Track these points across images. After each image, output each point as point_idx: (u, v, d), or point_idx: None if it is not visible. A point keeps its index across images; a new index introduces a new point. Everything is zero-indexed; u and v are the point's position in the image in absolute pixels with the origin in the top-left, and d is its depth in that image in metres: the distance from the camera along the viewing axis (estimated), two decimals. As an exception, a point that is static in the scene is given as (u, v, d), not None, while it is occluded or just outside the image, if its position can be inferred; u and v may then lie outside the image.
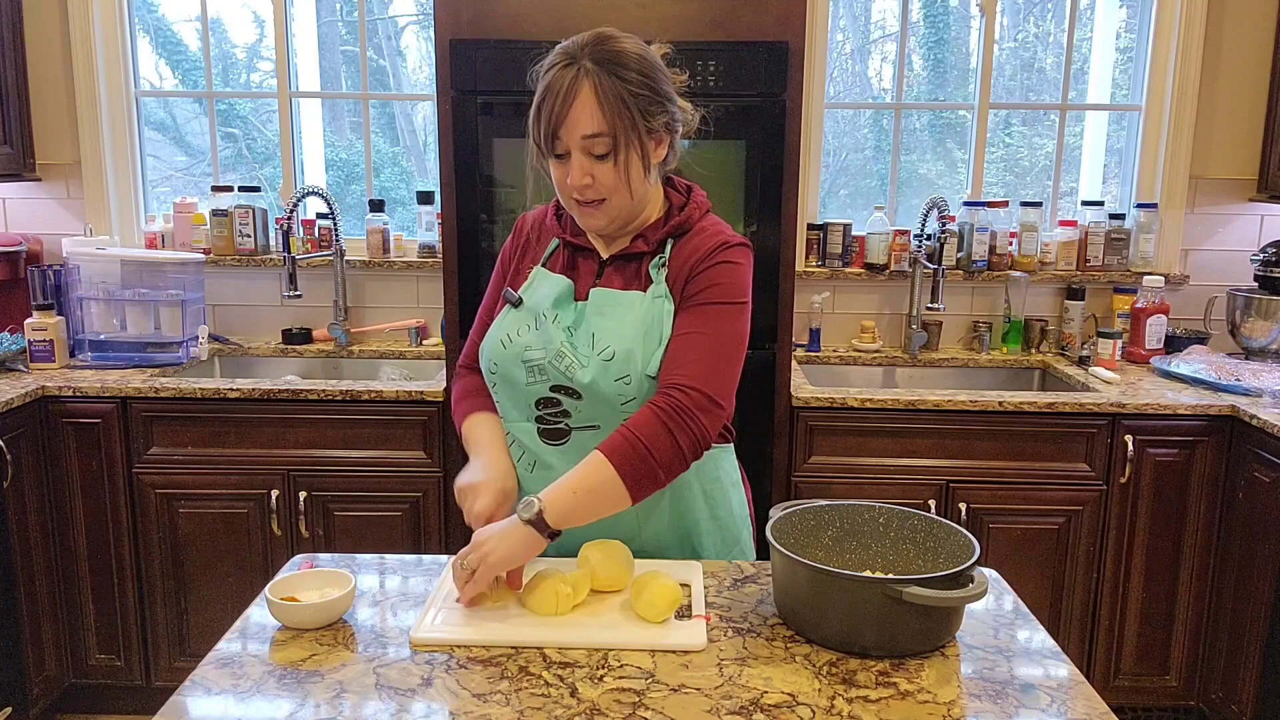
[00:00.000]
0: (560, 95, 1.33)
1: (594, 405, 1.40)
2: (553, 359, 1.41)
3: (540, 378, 1.43)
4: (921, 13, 3.43)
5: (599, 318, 1.42)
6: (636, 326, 1.40)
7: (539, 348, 1.43)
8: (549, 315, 1.44)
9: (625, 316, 1.41)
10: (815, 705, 1.12)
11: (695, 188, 1.52)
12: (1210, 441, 2.57)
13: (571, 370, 1.39)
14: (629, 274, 1.46)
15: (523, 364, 1.43)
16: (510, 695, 1.13)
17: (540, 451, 1.46)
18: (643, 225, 1.47)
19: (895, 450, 2.60)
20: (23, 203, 3.22)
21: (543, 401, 1.44)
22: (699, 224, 1.47)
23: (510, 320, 1.47)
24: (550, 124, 1.34)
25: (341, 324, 3.16)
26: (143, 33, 3.33)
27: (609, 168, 1.35)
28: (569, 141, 1.35)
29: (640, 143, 1.36)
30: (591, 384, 1.39)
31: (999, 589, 1.43)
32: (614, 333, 1.40)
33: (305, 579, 1.36)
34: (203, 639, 2.71)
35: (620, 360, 1.38)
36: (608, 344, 1.39)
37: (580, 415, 1.42)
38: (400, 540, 2.66)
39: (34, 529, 2.59)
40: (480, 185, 2.49)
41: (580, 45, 1.35)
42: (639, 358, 1.38)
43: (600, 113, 1.32)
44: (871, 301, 3.23)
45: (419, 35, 3.57)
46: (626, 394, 1.38)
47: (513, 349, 1.45)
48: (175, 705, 1.12)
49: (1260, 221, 3.20)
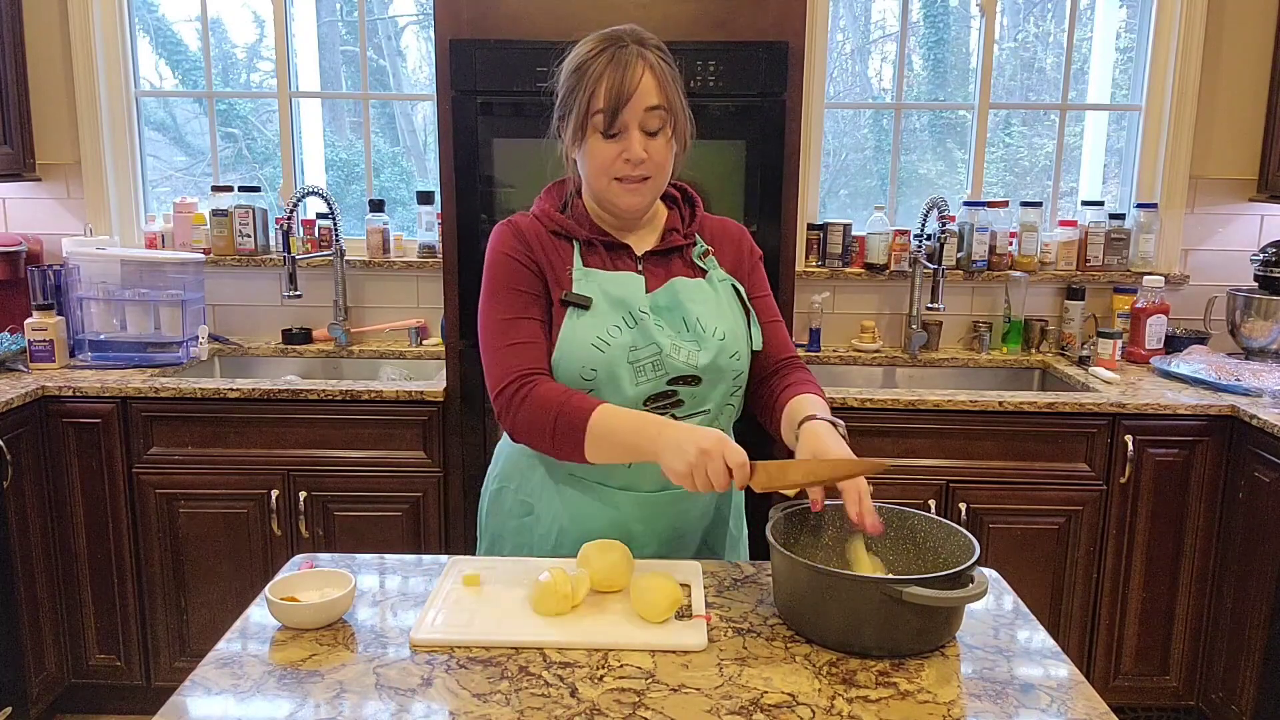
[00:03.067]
0: (625, 70, 1.39)
1: (710, 388, 1.46)
2: (668, 353, 1.43)
3: (654, 374, 1.43)
4: (921, 13, 3.43)
5: (694, 305, 1.48)
6: (727, 308, 1.49)
7: (644, 345, 1.43)
8: (644, 312, 1.45)
9: (710, 301, 1.49)
10: (815, 705, 1.12)
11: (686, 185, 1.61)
12: (1210, 441, 2.57)
13: (693, 358, 1.44)
14: (670, 265, 1.52)
15: (629, 365, 1.42)
16: (510, 695, 1.13)
17: None
18: (653, 218, 1.54)
19: (895, 450, 2.60)
20: (23, 203, 3.22)
21: (653, 398, 1.45)
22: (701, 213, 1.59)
23: (589, 323, 1.43)
24: (617, 100, 1.38)
25: (341, 324, 3.16)
26: (143, 33, 3.33)
27: (662, 143, 1.43)
28: (630, 118, 1.40)
29: (685, 123, 1.46)
30: (712, 366, 1.45)
31: (999, 589, 1.43)
32: (715, 316, 1.48)
33: (305, 579, 1.36)
34: (203, 639, 2.71)
35: (731, 339, 1.47)
36: (715, 326, 1.46)
37: (694, 401, 1.47)
38: (400, 540, 2.66)
39: (34, 529, 2.59)
40: (480, 185, 2.49)
41: (623, 32, 1.43)
42: (741, 334, 1.49)
43: (659, 89, 1.40)
44: (871, 301, 3.23)
45: (419, 35, 3.57)
46: (738, 368, 1.48)
47: (613, 352, 1.42)
48: (175, 705, 1.12)
49: (1260, 221, 3.20)
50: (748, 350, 1.50)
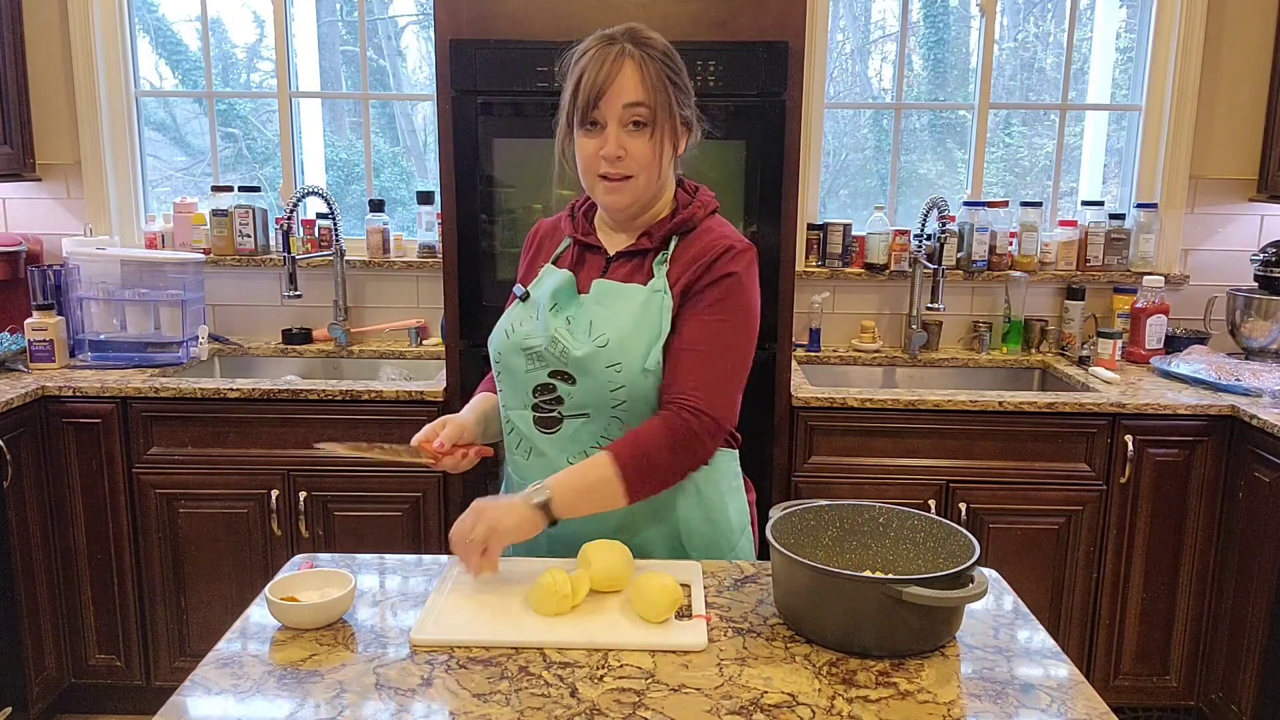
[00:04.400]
0: (605, 65, 1.38)
1: (586, 391, 1.44)
2: (548, 344, 1.45)
3: (538, 364, 1.47)
4: (921, 13, 3.43)
5: (598, 307, 1.46)
6: (632, 317, 1.44)
7: (537, 335, 1.47)
8: (547, 305, 1.48)
9: (622, 307, 1.45)
10: (815, 705, 1.12)
11: (703, 188, 1.55)
12: (1210, 441, 2.57)
13: (566, 354, 1.43)
14: (633, 269, 1.50)
15: (522, 352, 1.48)
16: (510, 695, 1.13)
17: (535, 439, 1.50)
18: (651, 221, 1.50)
19: (895, 450, 2.60)
20: (23, 203, 3.22)
21: (540, 389, 1.48)
22: (704, 223, 1.50)
23: (515, 313, 1.54)
24: (592, 93, 1.38)
25: (341, 324, 3.16)
26: (143, 33, 3.33)
27: (644, 141, 1.40)
28: (608, 111, 1.39)
29: (673, 124, 1.43)
30: (584, 364, 1.42)
31: (999, 589, 1.43)
32: (610, 321, 1.44)
33: (305, 579, 1.36)
34: (203, 639, 2.71)
35: (614, 347, 1.42)
36: (603, 331, 1.43)
37: (572, 402, 1.46)
38: (400, 540, 2.66)
39: (34, 529, 2.59)
40: (480, 185, 2.49)
41: (619, 31, 1.42)
42: (632, 348, 1.42)
43: (642, 86, 1.39)
44: (871, 301, 3.23)
45: (419, 35, 3.57)
46: (617, 381, 1.42)
47: (514, 339, 1.50)
48: (175, 705, 1.12)
49: (1260, 221, 3.20)
50: (639, 365, 1.41)
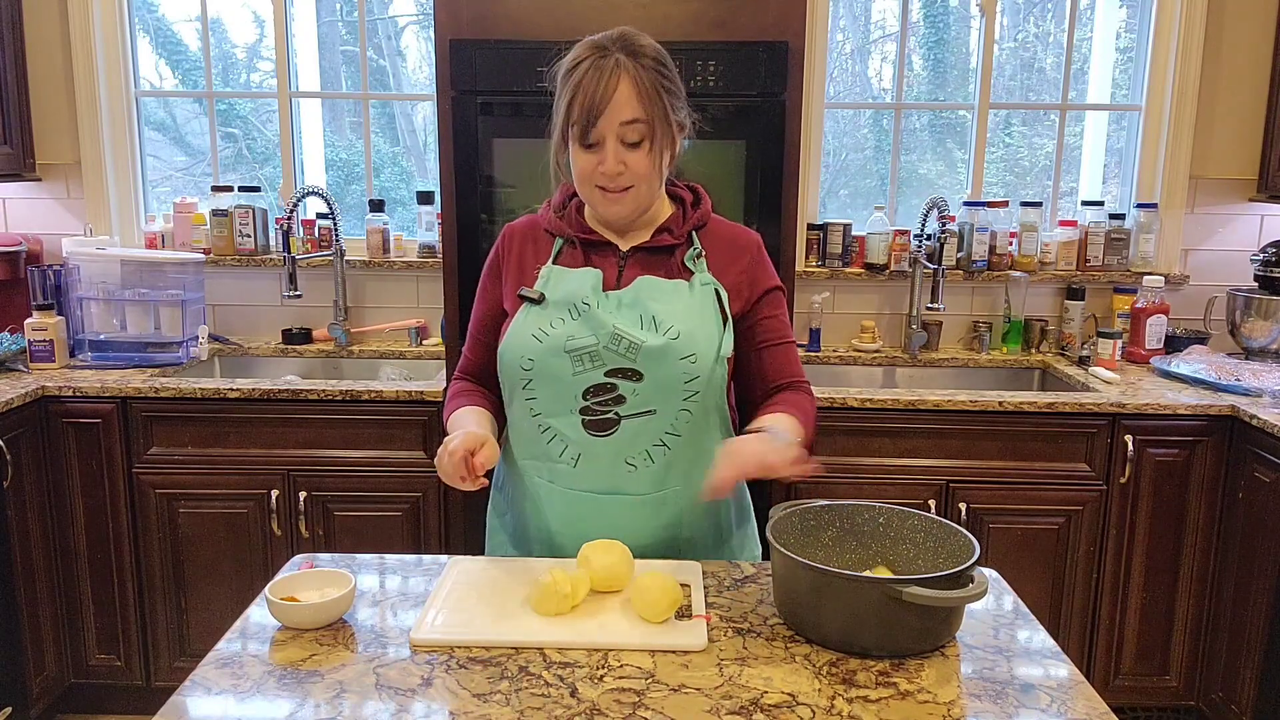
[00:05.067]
0: (601, 83, 1.37)
1: (654, 387, 1.42)
2: (608, 342, 1.42)
3: (592, 364, 1.42)
4: (921, 13, 3.43)
5: (654, 303, 1.45)
6: (695, 310, 1.45)
7: (586, 334, 1.43)
8: (592, 303, 1.44)
9: (679, 302, 1.45)
10: (815, 705, 1.12)
11: (699, 186, 1.57)
12: (1210, 441, 2.57)
13: (634, 350, 1.41)
14: (657, 265, 1.49)
15: (567, 354, 1.43)
16: (510, 695, 1.13)
17: (586, 443, 1.45)
18: (653, 219, 1.51)
19: (895, 450, 2.60)
20: (23, 203, 3.22)
21: (593, 390, 1.43)
22: (713, 217, 1.55)
23: (537, 316, 1.47)
24: (589, 112, 1.37)
25: (341, 324, 3.16)
26: (143, 33, 3.33)
27: (642, 155, 1.40)
28: (605, 129, 1.38)
29: (670, 131, 1.42)
30: (656, 358, 1.41)
31: (999, 589, 1.43)
32: (674, 315, 1.43)
33: (305, 579, 1.36)
34: (203, 639, 2.71)
35: (686, 339, 1.42)
36: (671, 324, 1.42)
37: (637, 400, 1.42)
38: (400, 540, 2.66)
39: (34, 529, 2.59)
40: (480, 185, 2.49)
41: (610, 39, 1.40)
42: (702, 339, 1.43)
43: (639, 101, 1.38)
44: (871, 301, 3.23)
45: (419, 35, 3.57)
46: (692, 372, 1.42)
47: (551, 342, 1.44)
48: (175, 705, 1.12)
49: (1260, 221, 3.20)
50: (712, 358, 1.43)
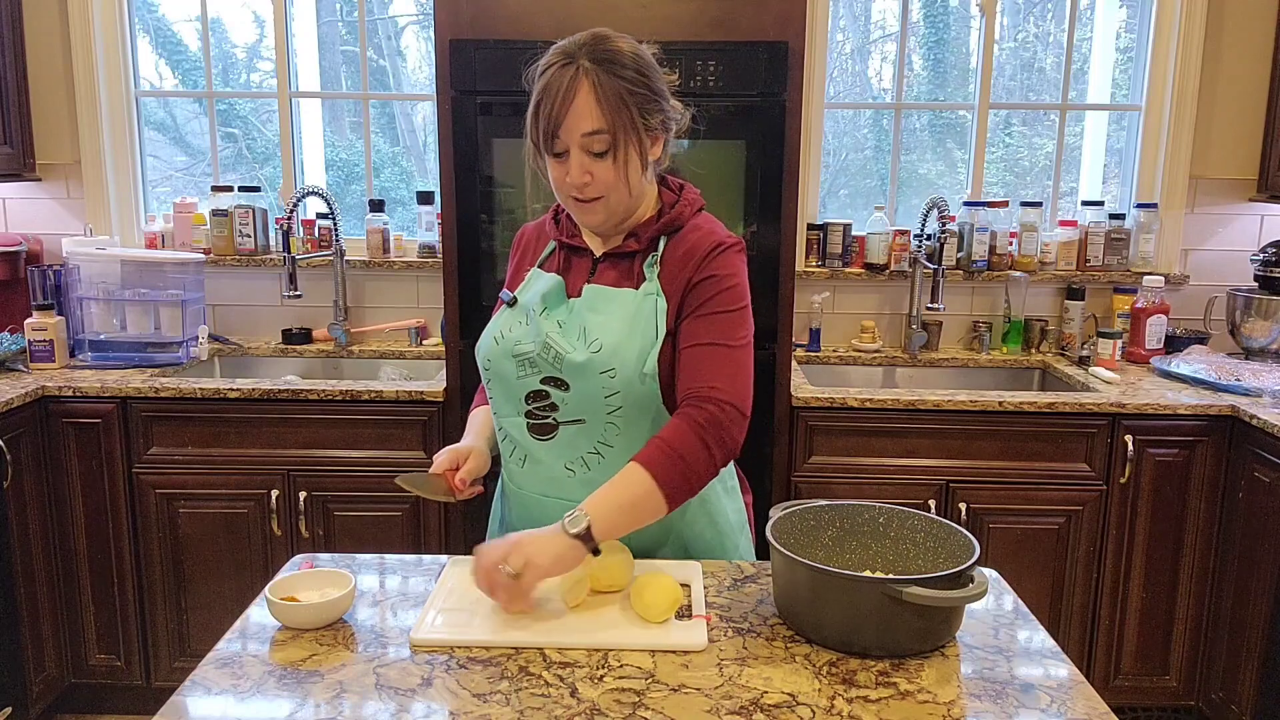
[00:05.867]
0: (560, 94, 1.34)
1: (580, 398, 1.42)
2: (540, 350, 1.43)
3: (530, 370, 1.45)
4: (921, 13, 3.43)
5: (591, 313, 1.44)
6: (626, 322, 1.42)
7: (529, 341, 1.45)
8: (538, 310, 1.46)
9: (616, 312, 1.43)
10: (815, 705, 1.12)
11: (688, 185, 1.53)
12: (1210, 441, 2.57)
13: (559, 360, 1.41)
14: (622, 271, 1.47)
15: (513, 358, 1.46)
16: (510, 695, 1.13)
17: (530, 446, 1.48)
18: (637, 223, 1.48)
19: (895, 450, 2.60)
20: (23, 203, 3.22)
21: (532, 395, 1.46)
22: (691, 221, 1.48)
23: (504, 319, 1.51)
24: (550, 122, 1.35)
25: (341, 324, 3.16)
26: (143, 33, 3.33)
27: (608, 165, 1.37)
28: (568, 140, 1.36)
29: (639, 140, 1.38)
30: (578, 372, 1.40)
31: (999, 589, 1.43)
32: (604, 327, 1.41)
33: (305, 579, 1.36)
34: (203, 639, 2.71)
35: (608, 353, 1.40)
36: (596, 337, 1.41)
37: (567, 409, 1.44)
38: (400, 540, 2.66)
39: (34, 529, 2.59)
40: (480, 185, 2.49)
41: (578, 45, 1.37)
42: (627, 354, 1.40)
43: (599, 110, 1.34)
44: (871, 301, 3.23)
45: (419, 35, 3.57)
46: (611, 387, 1.40)
47: (504, 345, 1.47)
48: (175, 705, 1.12)
49: (1260, 221, 3.20)
50: (633, 373, 1.39)
